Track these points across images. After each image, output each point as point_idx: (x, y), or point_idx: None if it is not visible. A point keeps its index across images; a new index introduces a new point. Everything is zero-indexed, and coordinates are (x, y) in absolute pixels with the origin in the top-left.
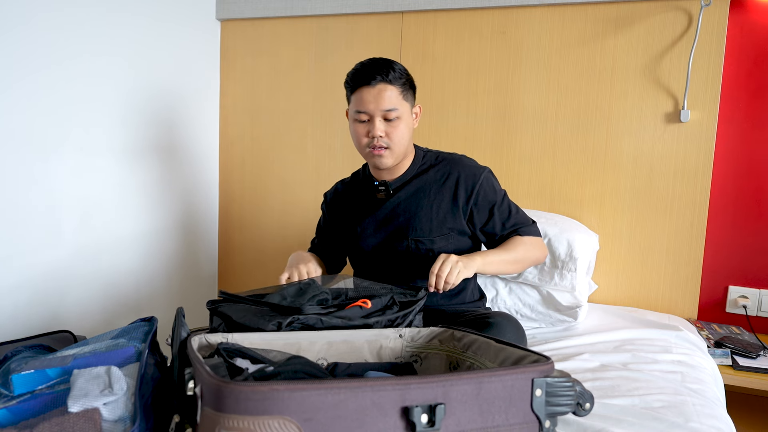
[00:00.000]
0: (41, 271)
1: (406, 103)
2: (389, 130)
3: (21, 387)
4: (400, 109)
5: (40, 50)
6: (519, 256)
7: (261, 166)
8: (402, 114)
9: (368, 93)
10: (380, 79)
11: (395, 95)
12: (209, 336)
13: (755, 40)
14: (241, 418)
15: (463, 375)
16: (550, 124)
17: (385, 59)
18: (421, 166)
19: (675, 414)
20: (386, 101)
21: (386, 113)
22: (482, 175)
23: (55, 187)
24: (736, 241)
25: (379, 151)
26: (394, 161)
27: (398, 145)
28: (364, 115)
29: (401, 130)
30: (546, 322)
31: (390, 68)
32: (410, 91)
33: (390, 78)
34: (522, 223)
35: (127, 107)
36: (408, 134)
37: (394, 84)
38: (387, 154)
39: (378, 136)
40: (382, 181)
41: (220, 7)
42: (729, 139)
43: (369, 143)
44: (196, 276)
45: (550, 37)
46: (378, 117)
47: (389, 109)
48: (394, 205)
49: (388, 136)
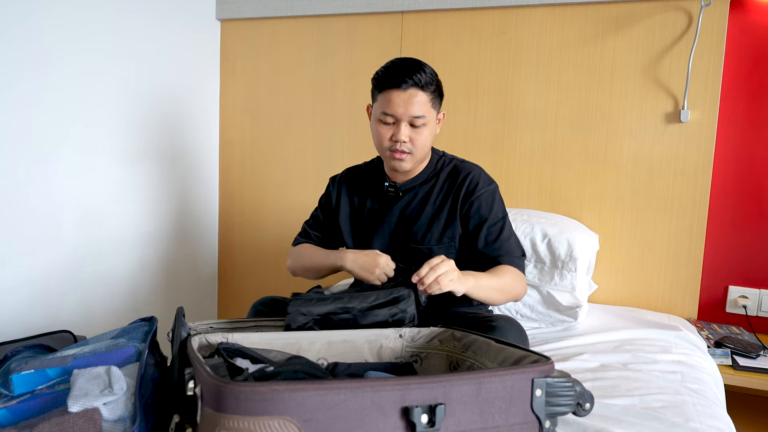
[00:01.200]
0: (41, 271)
1: (434, 110)
2: (414, 136)
3: (21, 387)
4: (428, 117)
5: (39, 50)
6: (506, 287)
7: (261, 166)
8: (428, 121)
9: (398, 96)
10: (412, 83)
11: (425, 102)
12: (209, 336)
13: (755, 40)
14: (241, 419)
15: (463, 375)
16: (550, 124)
17: (418, 61)
18: (433, 171)
19: (675, 414)
20: (416, 107)
21: (414, 119)
22: (484, 188)
23: (55, 187)
24: (736, 241)
25: (400, 155)
26: (413, 166)
27: (420, 151)
28: (390, 118)
29: (425, 137)
30: (546, 322)
31: (423, 73)
32: (439, 98)
33: (422, 84)
34: (508, 253)
35: (126, 107)
36: (430, 140)
37: (426, 90)
38: (408, 159)
39: (402, 141)
40: (393, 183)
41: (220, 7)
42: (729, 139)
43: (391, 146)
44: (196, 276)
45: (550, 37)
46: (405, 122)
47: (418, 116)
48: (400, 209)
49: (412, 142)
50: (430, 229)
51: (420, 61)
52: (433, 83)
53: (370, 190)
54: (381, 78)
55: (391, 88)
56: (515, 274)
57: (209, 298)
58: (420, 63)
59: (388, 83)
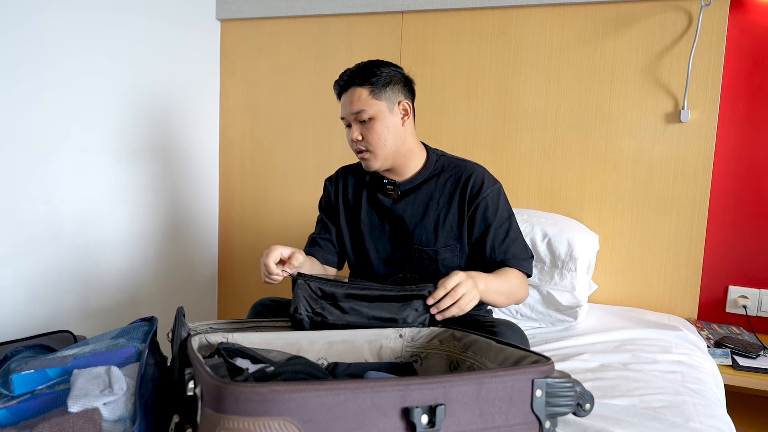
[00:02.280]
0: (41, 271)
1: (380, 101)
2: (365, 133)
3: (21, 387)
4: (371, 110)
5: (39, 50)
6: (512, 291)
7: (261, 166)
8: (375, 114)
9: (344, 98)
10: (351, 84)
11: (364, 95)
12: (209, 336)
13: (755, 40)
14: (242, 419)
15: (464, 376)
16: (550, 124)
17: (366, 62)
18: (433, 171)
19: (675, 414)
20: (354, 104)
21: (356, 115)
22: (490, 189)
23: (55, 187)
24: (736, 241)
25: (362, 155)
26: (381, 164)
27: (378, 146)
28: (345, 121)
29: (377, 131)
30: (546, 321)
31: (363, 71)
32: (388, 89)
33: (358, 80)
34: (515, 257)
35: (127, 107)
36: (390, 134)
37: (364, 85)
38: (369, 157)
39: (354, 139)
40: (392, 180)
41: (220, 7)
42: (729, 139)
43: (353, 147)
44: (196, 276)
45: (550, 37)
46: (352, 121)
47: (356, 111)
48: (401, 210)
49: (365, 139)
50: (436, 231)
51: (368, 62)
52: (375, 75)
53: (367, 188)
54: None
55: (340, 94)
56: (521, 279)
57: (209, 298)
58: (365, 63)
59: (338, 91)
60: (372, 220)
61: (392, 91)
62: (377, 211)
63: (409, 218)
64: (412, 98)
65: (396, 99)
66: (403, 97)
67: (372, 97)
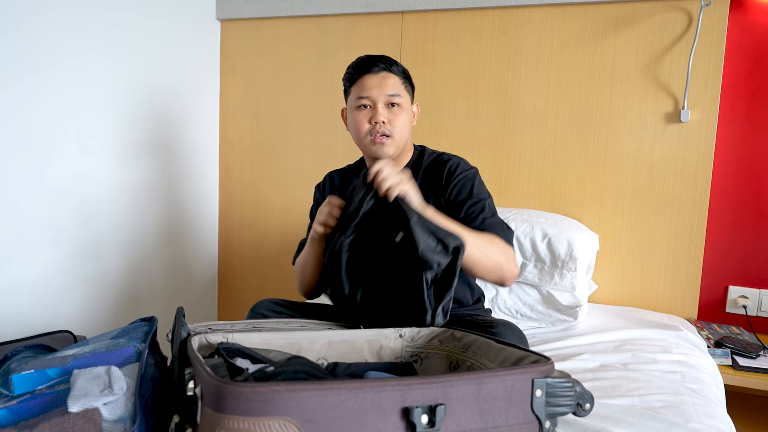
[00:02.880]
0: (41, 271)
1: (408, 95)
2: (392, 117)
3: (21, 387)
4: (403, 99)
5: (40, 50)
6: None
7: (261, 166)
8: (404, 103)
9: (371, 79)
10: (383, 66)
11: (398, 83)
12: (209, 336)
13: (755, 40)
14: (242, 419)
15: (464, 375)
16: (550, 124)
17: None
18: (416, 165)
19: (675, 414)
20: (390, 87)
21: (390, 98)
22: (464, 172)
23: (56, 187)
24: (736, 241)
25: (381, 139)
26: (395, 152)
27: (399, 134)
28: (367, 101)
29: (403, 120)
30: (546, 321)
31: (391, 60)
32: (410, 86)
33: (392, 68)
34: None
35: (127, 107)
36: (408, 126)
37: (396, 74)
38: (389, 142)
39: (381, 121)
40: None
41: (220, 7)
42: (729, 139)
43: (370, 130)
44: (196, 276)
45: (550, 37)
46: (381, 103)
47: (393, 94)
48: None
49: (391, 123)
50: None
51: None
52: (403, 71)
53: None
54: (354, 68)
55: (363, 74)
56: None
57: (209, 299)
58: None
59: (361, 70)
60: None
61: (411, 90)
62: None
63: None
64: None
65: (413, 99)
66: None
67: (403, 87)
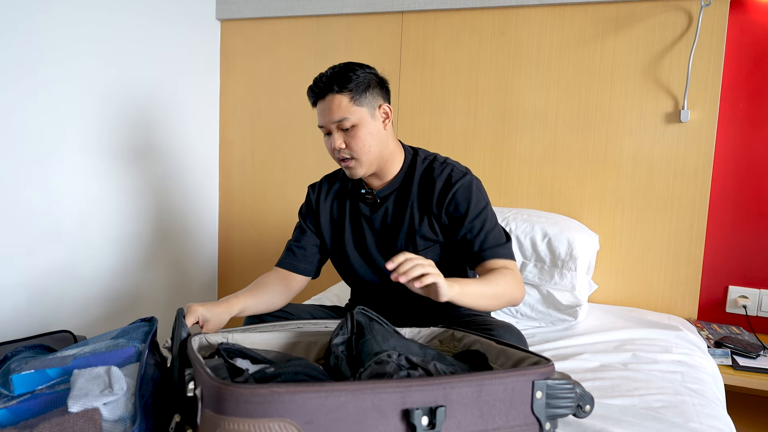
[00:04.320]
0: (41, 271)
1: (361, 107)
2: (348, 140)
3: (21, 387)
4: (353, 117)
5: (39, 50)
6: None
7: (261, 166)
8: (357, 120)
9: (320, 106)
10: (329, 90)
11: (345, 103)
12: (209, 336)
13: (755, 40)
14: (242, 421)
15: (464, 377)
16: (550, 124)
17: (335, 67)
18: (408, 173)
19: (675, 414)
20: (335, 112)
21: (338, 123)
22: (459, 181)
23: (55, 187)
24: (736, 241)
25: (346, 163)
26: (366, 170)
27: (363, 153)
28: (324, 129)
29: (361, 138)
30: (546, 321)
31: (339, 76)
32: (367, 93)
33: (337, 88)
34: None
35: (127, 107)
36: (374, 140)
37: (343, 92)
38: (354, 165)
39: (337, 148)
40: (370, 189)
41: (220, 7)
42: (729, 139)
43: (335, 156)
44: (196, 276)
45: (550, 37)
46: (333, 129)
47: (339, 119)
48: (381, 216)
49: (349, 147)
50: (415, 234)
51: (342, 66)
52: (353, 81)
53: (348, 196)
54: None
55: (316, 101)
56: (510, 278)
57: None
58: (340, 67)
59: (313, 98)
60: (354, 229)
61: (372, 96)
62: (358, 220)
63: (389, 225)
64: (389, 99)
65: (376, 103)
66: (383, 100)
67: (353, 104)
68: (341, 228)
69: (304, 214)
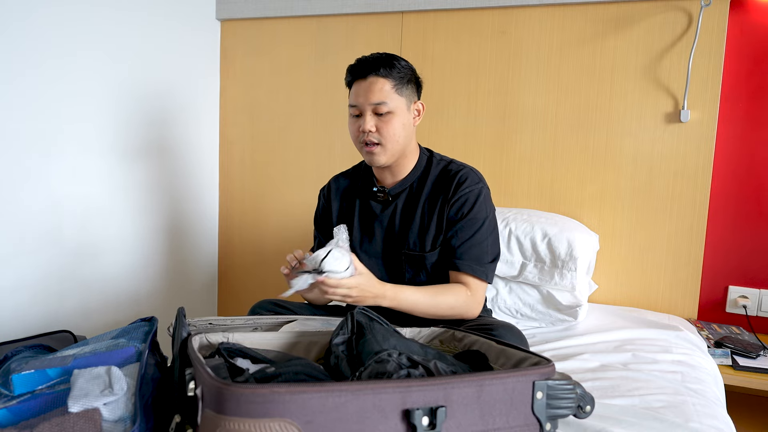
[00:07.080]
0: (41, 271)
1: (401, 97)
2: (380, 125)
3: (21, 387)
4: (392, 104)
5: (38, 48)
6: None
7: (261, 166)
8: (395, 109)
9: (359, 86)
10: (373, 72)
11: (387, 88)
12: (210, 336)
13: (755, 40)
14: (242, 421)
15: (465, 377)
16: (550, 124)
17: (383, 54)
18: (422, 173)
19: (675, 414)
20: (375, 94)
21: (376, 107)
22: (470, 187)
23: (55, 187)
24: (736, 241)
25: (370, 148)
26: (387, 159)
27: (391, 141)
28: (356, 110)
29: (394, 126)
30: (546, 321)
31: (386, 62)
32: (408, 86)
33: (383, 72)
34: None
35: (126, 107)
36: (403, 132)
37: (389, 77)
38: (379, 151)
39: (368, 131)
40: (381, 187)
41: (220, 7)
42: (729, 139)
43: (361, 139)
44: (196, 276)
45: (550, 37)
46: (368, 111)
47: (378, 102)
48: (390, 214)
49: (379, 132)
50: (422, 234)
51: (386, 54)
52: (401, 71)
53: (358, 195)
54: (348, 73)
55: (354, 81)
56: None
57: (209, 298)
58: (384, 54)
59: (353, 76)
60: (363, 226)
61: (410, 89)
62: (368, 217)
63: (398, 224)
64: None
65: (413, 97)
66: (417, 97)
67: (394, 91)
68: (350, 224)
69: (319, 222)
